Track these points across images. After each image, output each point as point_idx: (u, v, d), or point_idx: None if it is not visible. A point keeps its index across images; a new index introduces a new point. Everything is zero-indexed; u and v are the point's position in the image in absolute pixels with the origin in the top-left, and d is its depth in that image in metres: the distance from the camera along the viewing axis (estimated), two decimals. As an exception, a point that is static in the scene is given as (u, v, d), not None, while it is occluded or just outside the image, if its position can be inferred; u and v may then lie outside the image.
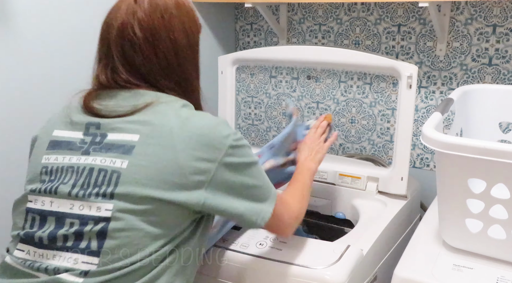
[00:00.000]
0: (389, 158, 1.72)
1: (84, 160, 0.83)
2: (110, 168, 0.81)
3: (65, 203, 0.81)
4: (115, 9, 0.87)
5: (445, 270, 0.96)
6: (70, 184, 0.82)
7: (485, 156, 0.85)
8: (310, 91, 1.81)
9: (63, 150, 0.86)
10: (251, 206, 0.87)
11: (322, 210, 1.42)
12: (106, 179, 0.81)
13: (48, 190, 0.83)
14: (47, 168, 0.85)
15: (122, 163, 0.81)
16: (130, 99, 0.85)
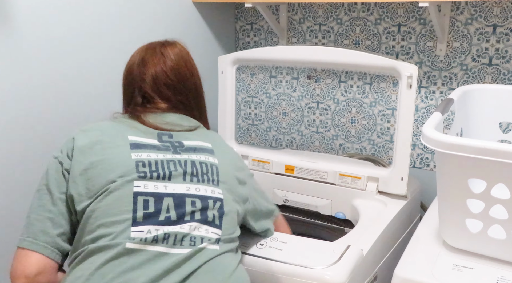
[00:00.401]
0: (389, 158, 1.72)
1: (180, 156, 0.97)
2: (209, 162, 0.99)
3: (180, 187, 0.93)
4: (144, 62, 1.07)
5: (445, 270, 0.96)
6: (180, 171, 0.95)
7: (485, 156, 0.85)
8: (310, 91, 1.81)
9: (150, 150, 0.97)
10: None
11: (322, 210, 1.42)
12: (209, 169, 0.98)
13: (161, 176, 0.93)
14: (144, 162, 0.94)
15: (214, 159, 1.01)
16: (182, 120, 1.06)
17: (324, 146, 1.84)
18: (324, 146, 1.84)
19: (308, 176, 1.44)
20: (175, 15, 1.62)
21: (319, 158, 1.48)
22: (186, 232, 0.88)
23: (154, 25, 1.55)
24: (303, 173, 1.45)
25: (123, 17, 1.43)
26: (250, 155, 1.52)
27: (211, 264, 0.88)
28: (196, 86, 1.13)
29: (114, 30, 1.41)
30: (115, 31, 1.41)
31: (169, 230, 0.88)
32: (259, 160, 1.51)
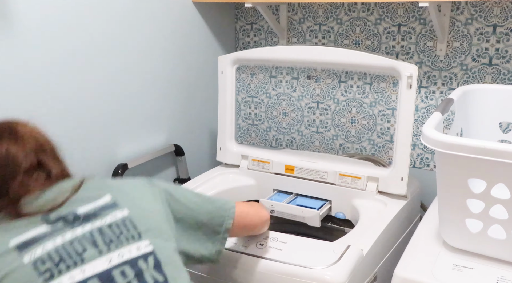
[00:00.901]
0: (389, 158, 1.72)
1: (81, 231, 0.81)
2: (118, 219, 0.83)
3: (100, 263, 0.78)
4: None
5: (445, 270, 0.96)
6: (91, 248, 0.79)
7: (485, 156, 0.85)
8: (310, 91, 1.81)
9: (42, 242, 0.78)
10: None
11: (309, 221, 1.41)
12: (122, 228, 0.82)
13: (72, 263, 0.77)
14: (42, 259, 0.77)
15: (122, 211, 0.84)
16: (66, 185, 0.86)
17: (324, 146, 1.84)
18: (324, 146, 1.84)
19: (308, 176, 1.44)
20: (175, 15, 1.62)
21: (319, 158, 1.48)
22: None
23: (154, 25, 1.55)
24: (303, 173, 1.45)
25: (123, 17, 1.43)
26: (250, 155, 1.52)
27: None
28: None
29: (114, 30, 1.41)
30: (115, 31, 1.41)
31: None
32: (259, 160, 1.51)
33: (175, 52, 1.64)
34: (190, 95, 1.74)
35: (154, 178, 1.63)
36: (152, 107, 1.60)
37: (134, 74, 1.51)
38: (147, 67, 1.55)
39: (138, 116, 1.55)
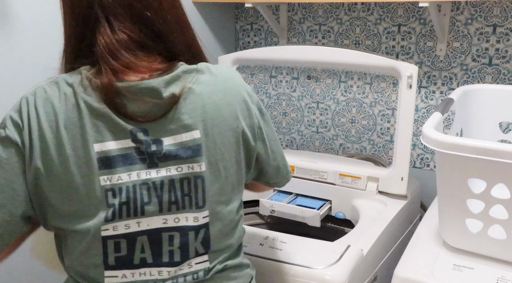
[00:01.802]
0: (389, 158, 1.72)
1: (156, 173, 0.75)
2: (192, 174, 0.77)
3: (156, 220, 0.76)
4: None
5: (445, 270, 0.96)
6: (155, 202, 0.76)
7: (485, 156, 0.85)
8: (310, 91, 1.81)
9: (122, 167, 0.74)
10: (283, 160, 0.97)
11: (309, 221, 1.41)
12: (192, 187, 0.77)
13: (132, 213, 0.75)
14: (114, 191, 0.74)
15: (200, 166, 0.77)
16: (160, 88, 0.74)
17: (324, 146, 1.84)
18: (324, 146, 1.84)
19: (308, 176, 1.44)
20: (175, 15, 1.62)
21: (319, 158, 1.48)
22: (165, 278, 0.78)
23: (154, 25, 1.54)
24: (303, 173, 1.45)
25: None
26: (250, 155, 1.52)
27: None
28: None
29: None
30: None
31: (146, 276, 0.77)
32: (259, 160, 1.51)
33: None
34: (190, 95, 1.74)
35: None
36: (152, 107, 1.59)
37: (134, 74, 1.51)
38: (147, 67, 1.55)
39: (138, 116, 1.54)
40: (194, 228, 0.78)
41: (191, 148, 0.76)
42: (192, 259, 0.79)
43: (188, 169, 0.77)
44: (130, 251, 0.76)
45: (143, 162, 0.75)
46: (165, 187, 0.76)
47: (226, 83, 0.81)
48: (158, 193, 0.75)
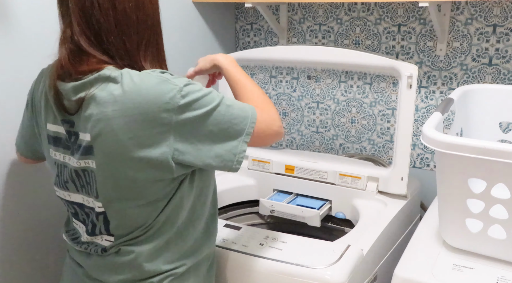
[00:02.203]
0: (389, 158, 1.72)
1: (69, 161, 0.93)
2: (88, 168, 0.90)
3: (77, 197, 0.95)
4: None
5: (445, 270, 0.96)
6: (71, 182, 0.94)
7: (485, 156, 0.85)
8: (310, 91, 1.81)
9: (59, 147, 0.94)
10: (221, 150, 0.89)
11: (309, 221, 1.41)
12: (89, 178, 0.91)
13: (63, 186, 0.96)
14: (56, 163, 0.96)
15: (92, 163, 0.88)
16: (69, 93, 0.87)
17: (324, 146, 1.84)
18: (324, 146, 1.84)
19: (308, 176, 1.44)
20: (175, 15, 1.62)
21: (319, 158, 1.48)
22: (84, 240, 0.99)
23: (154, 25, 1.54)
24: (303, 173, 1.45)
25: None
26: (250, 155, 1.52)
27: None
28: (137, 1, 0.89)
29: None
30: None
31: (78, 226, 1.01)
32: (259, 160, 1.51)
33: (175, 52, 1.64)
34: (190, 95, 1.74)
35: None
36: (152, 107, 1.59)
37: (134, 74, 1.51)
38: (147, 67, 1.55)
39: (138, 116, 1.54)
40: (96, 212, 0.93)
41: (85, 147, 0.88)
42: (101, 235, 0.94)
43: (85, 163, 0.90)
44: (70, 213, 1.01)
45: (68, 148, 0.92)
46: (73, 174, 0.92)
47: (132, 94, 0.84)
48: (73, 176, 0.93)
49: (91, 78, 0.85)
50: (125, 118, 0.84)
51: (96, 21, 0.85)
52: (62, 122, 0.90)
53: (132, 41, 0.88)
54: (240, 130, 0.89)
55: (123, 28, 0.87)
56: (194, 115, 0.85)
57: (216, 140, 0.88)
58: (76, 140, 0.89)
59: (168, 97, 0.83)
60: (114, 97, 0.84)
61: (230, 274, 1.08)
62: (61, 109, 0.90)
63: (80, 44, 0.86)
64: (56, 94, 0.89)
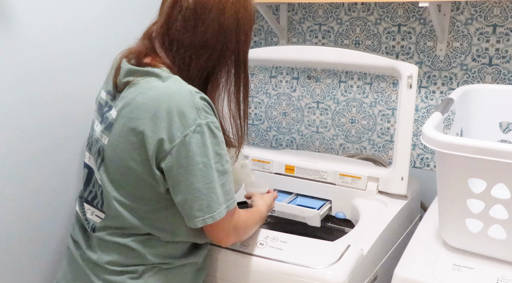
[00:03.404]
0: (389, 158, 1.72)
1: (97, 129, 1.02)
2: (102, 143, 0.98)
3: (91, 162, 1.05)
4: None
5: (445, 270, 0.96)
6: (94, 147, 1.03)
7: (485, 156, 0.85)
8: (310, 91, 1.81)
9: (98, 114, 1.05)
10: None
11: (310, 221, 1.41)
12: (100, 151, 0.98)
13: (88, 147, 1.09)
14: (92, 127, 1.08)
15: (105, 139, 0.96)
16: (122, 72, 0.98)
17: (324, 146, 1.84)
18: (324, 146, 1.84)
19: (308, 176, 1.44)
20: (175, 15, 1.62)
21: (319, 158, 1.48)
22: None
23: (154, 25, 1.54)
24: (303, 173, 1.45)
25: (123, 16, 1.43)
26: (250, 155, 1.52)
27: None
28: (221, 30, 0.94)
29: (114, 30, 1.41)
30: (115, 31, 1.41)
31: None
32: (259, 160, 1.51)
33: (175, 52, 1.64)
34: (190, 95, 1.74)
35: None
36: (152, 107, 1.59)
37: (134, 74, 1.51)
38: (147, 67, 1.55)
39: (138, 116, 1.54)
40: (98, 184, 0.99)
41: (109, 122, 0.96)
42: (96, 209, 1.00)
43: (101, 137, 0.99)
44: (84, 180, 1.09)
45: (101, 116, 1.01)
46: (94, 141, 1.02)
47: (159, 95, 0.90)
48: (93, 142, 1.03)
49: (144, 70, 0.94)
50: (146, 113, 0.89)
51: (175, 30, 0.93)
52: (108, 92, 1.02)
53: (198, 63, 0.94)
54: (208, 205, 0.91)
55: (196, 48, 0.93)
56: (196, 151, 0.88)
57: (192, 189, 0.90)
58: (107, 112, 0.98)
59: (188, 123, 0.88)
60: (150, 89, 0.90)
61: (230, 274, 1.08)
62: (113, 83, 1.00)
63: (154, 43, 0.96)
64: (117, 69, 0.99)
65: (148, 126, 0.89)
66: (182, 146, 0.87)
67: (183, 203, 0.90)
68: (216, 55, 0.94)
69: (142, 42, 1.00)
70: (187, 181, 0.89)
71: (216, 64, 0.95)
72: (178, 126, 0.87)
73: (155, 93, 0.90)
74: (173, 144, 0.87)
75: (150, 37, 0.98)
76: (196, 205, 0.90)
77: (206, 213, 0.90)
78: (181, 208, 0.92)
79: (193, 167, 0.88)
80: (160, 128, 0.88)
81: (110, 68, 1.09)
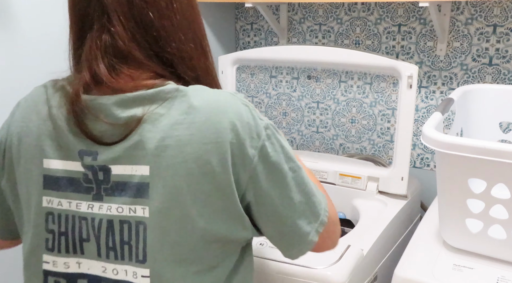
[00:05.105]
0: (389, 158, 1.72)
1: (98, 209, 0.66)
2: (133, 218, 0.65)
3: (95, 265, 0.67)
4: None
5: (445, 270, 0.96)
6: (93, 241, 0.66)
7: (485, 156, 0.85)
8: (310, 91, 1.81)
9: (65, 192, 0.67)
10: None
11: None
12: (133, 234, 0.65)
13: (72, 249, 0.67)
14: (53, 216, 0.67)
15: (144, 210, 0.64)
16: (111, 107, 0.65)
17: (324, 146, 1.84)
18: (324, 146, 1.84)
19: (308, 176, 1.44)
20: (175, 15, 1.62)
21: (319, 158, 1.48)
22: None
23: (154, 25, 1.54)
24: (303, 173, 1.45)
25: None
26: (250, 155, 1.52)
27: None
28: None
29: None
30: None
31: None
32: (259, 160, 1.51)
33: (175, 52, 1.64)
34: (190, 95, 1.74)
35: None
36: (152, 107, 1.59)
37: (134, 74, 1.51)
38: (147, 67, 1.55)
39: (138, 116, 1.54)
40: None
41: (136, 186, 0.64)
42: None
43: (129, 211, 0.65)
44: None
45: (89, 192, 0.66)
46: (103, 228, 0.66)
47: (207, 115, 0.64)
48: (95, 232, 0.66)
49: (149, 92, 0.65)
50: (200, 146, 0.64)
51: (155, 26, 0.67)
52: (82, 154, 0.66)
53: (194, 50, 0.72)
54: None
55: (184, 34, 0.70)
56: (270, 159, 0.68)
57: (301, 207, 0.71)
58: (106, 178, 0.66)
59: (251, 128, 0.66)
60: (186, 116, 0.64)
61: (230, 274, 1.08)
62: (85, 135, 0.66)
63: (130, 52, 0.66)
64: (80, 113, 0.65)
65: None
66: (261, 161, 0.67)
67: (286, 228, 0.71)
68: (198, 29, 0.76)
69: (102, 64, 0.65)
70: (286, 199, 0.69)
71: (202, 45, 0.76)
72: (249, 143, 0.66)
73: (198, 120, 0.64)
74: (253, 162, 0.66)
75: (113, 49, 0.66)
76: (303, 220, 0.71)
77: (315, 221, 0.72)
78: (280, 238, 0.73)
79: (284, 180, 0.69)
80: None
81: (43, 121, 0.69)
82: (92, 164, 0.66)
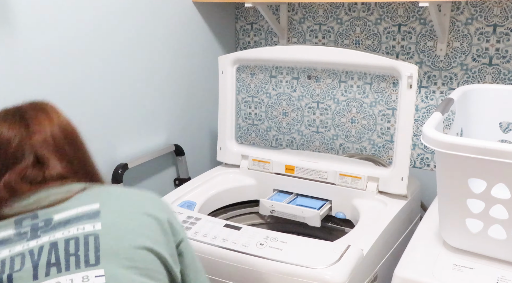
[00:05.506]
0: (389, 158, 1.72)
1: (36, 243, 0.71)
2: (81, 234, 0.72)
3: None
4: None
5: (445, 270, 0.96)
6: (28, 268, 0.68)
7: (485, 156, 0.85)
8: (310, 91, 1.81)
9: (7, 245, 0.72)
10: None
11: (309, 221, 1.41)
12: (80, 246, 0.71)
13: (33, 275, 0.68)
14: (10, 260, 0.70)
15: (94, 225, 0.73)
16: (59, 190, 0.79)
17: (324, 146, 1.84)
18: (324, 146, 1.84)
19: (308, 176, 1.44)
20: (175, 15, 1.62)
21: (319, 158, 1.48)
22: None
23: (154, 25, 1.55)
24: (303, 173, 1.45)
25: (123, 17, 1.43)
26: (250, 155, 1.52)
27: None
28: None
29: (114, 30, 1.41)
30: (114, 31, 1.41)
31: None
32: (259, 160, 1.51)
33: (175, 52, 1.65)
34: (190, 95, 1.74)
35: (154, 178, 1.63)
36: (152, 107, 1.60)
37: (134, 74, 1.51)
38: (147, 67, 1.55)
39: (138, 116, 1.55)
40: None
41: (88, 214, 0.75)
42: None
43: (77, 229, 0.73)
44: None
45: (22, 239, 0.72)
46: (45, 250, 0.70)
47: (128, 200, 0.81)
48: (34, 258, 0.69)
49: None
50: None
51: (74, 157, 0.87)
52: (15, 223, 0.75)
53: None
54: None
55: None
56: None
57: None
58: (47, 224, 0.74)
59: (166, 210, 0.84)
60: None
61: (230, 274, 1.08)
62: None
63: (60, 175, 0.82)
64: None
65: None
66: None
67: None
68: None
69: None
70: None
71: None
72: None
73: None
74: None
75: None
76: None
77: None
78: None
79: None
80: None
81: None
82: (32, 222, 0.75)
